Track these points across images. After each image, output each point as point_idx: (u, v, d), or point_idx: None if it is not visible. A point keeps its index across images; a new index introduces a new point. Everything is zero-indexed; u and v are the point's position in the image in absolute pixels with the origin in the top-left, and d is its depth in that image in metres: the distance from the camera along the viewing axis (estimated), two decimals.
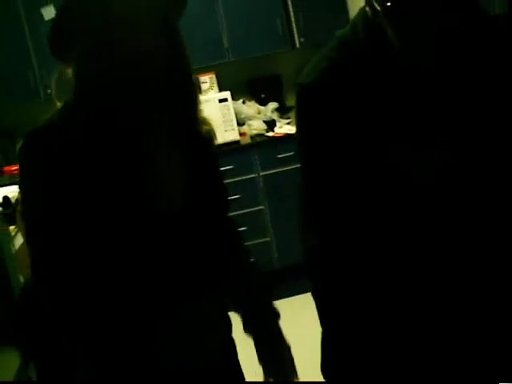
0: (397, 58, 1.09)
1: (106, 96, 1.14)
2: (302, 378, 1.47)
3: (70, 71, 1.18)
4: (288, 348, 1.42)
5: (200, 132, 1.32)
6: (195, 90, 1.30)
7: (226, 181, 1.46)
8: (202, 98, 4.38)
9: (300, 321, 2.86)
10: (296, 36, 4.31)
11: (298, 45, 4.31)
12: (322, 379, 1.39)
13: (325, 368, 1.38)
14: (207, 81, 4.31)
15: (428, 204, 1.13)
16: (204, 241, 1.30)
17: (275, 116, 4.36)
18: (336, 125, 1.14)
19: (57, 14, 1.15)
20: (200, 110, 1.30)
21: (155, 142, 1.22)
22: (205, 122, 1.34)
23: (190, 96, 1.27)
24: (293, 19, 4.30)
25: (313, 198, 1.26)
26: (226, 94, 4.19)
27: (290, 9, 4.29)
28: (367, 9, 1.12)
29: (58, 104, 1.21)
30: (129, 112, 1.16)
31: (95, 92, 1.14)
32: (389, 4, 1.02)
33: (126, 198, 1.17)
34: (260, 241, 4.19)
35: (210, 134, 1.37)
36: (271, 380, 1.39)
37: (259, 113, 4.45)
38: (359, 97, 1.12)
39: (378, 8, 1.06)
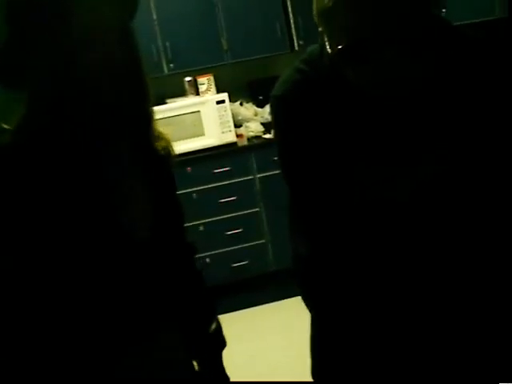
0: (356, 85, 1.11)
1: (58, 117, 1.07)
2: (294, 380, 1.47)
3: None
4: (227, 380, 1.40)
5: (156, 150, 1.25)
6: (149, 106, 1.20)
7: (222, 182, 1.46)
8: (199, 99, 4.36)
9: (295, 323, 2.86)
10: (295, 39, 4.32)
11: (296, 47, 4.32)
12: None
13: (315, 371, 1.40)
14: (205, 82, 4.31)
15: (399, 217, 1.18)
16: (160, 267, 1.24)
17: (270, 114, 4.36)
18: (309, 134, 1.19)
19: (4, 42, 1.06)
20: (155, 127, 1.22)
21: (110, 163, 1.15)
22: (161, 137, 1.26)
23: (145, 113, 1.20)
24: (292, 22, 4.31)
25: (295, 206, 1.32)
26: (224, 96, 4.19)
27: (290, 11, 4.30)
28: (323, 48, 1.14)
29: (6, 126, 1.09)
30: (83, 132, 1.09)
31: (48, 113, 1.07)
32: (340, 47, 1.04)
33: (81, 224, 1.10)
34: (256, 243, 4.19)
35: (167, 150, 1.28)
36: None
37: (256, 115, 4.46)
38: (328, 110, 1.17)
39: (329, 51, 1.08)
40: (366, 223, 1.20)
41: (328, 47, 1.09)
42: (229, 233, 4.14)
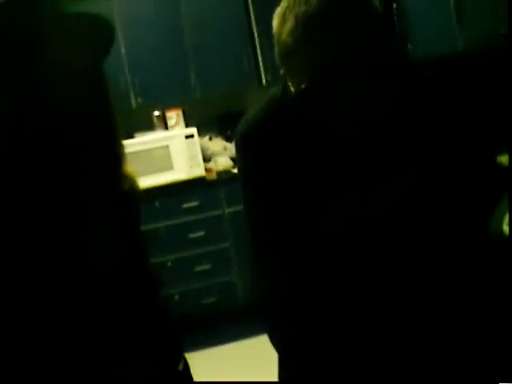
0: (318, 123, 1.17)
1: (25, 154, 1.05)
2: None
3: None
4: None
5: (123, 190, 1.24)
6: (119, 144, 1.20)
7: (191, 217, 1.46)
8: (168, 133, 4.36)
9: (263, 361, 2.81)
10: (263, 73, 4.35)
11: (264, 82, 4.35)
12: None
13: None
14: (174, 117, 4.31)
15: (365, 243, 1.23)
16: (123, 301, 1.22)
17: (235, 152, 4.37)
18: (274, 170, 1.25)
19: None
20: (124, 164, 1.21)
21: (75, 198, 1.14)
22: (128, 177, 1.25)
23: (114, 152, 1.19)
24: (260, 56, 4.35)
25: (259, 241, 1.35)
26: (193, 131, 4.19)
27: (257, 46, 4.34)
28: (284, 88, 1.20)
29: None
30: (48, 168, 1.08)
31: (7, 148, 1.05)
32: (303, 86, 1.08)
33: (43, 255, 1.09)
34: (225, 279, 4.14)
35: (134, 190, 1.28)
36: None
37: (226, 149, 4.46)
38: (291, 146, 1.23)
39: (292, 90, 1.13)
40: (329, 254, 1.23)
41: (291, 87, 1.12)
42: (198, 269, 4.09)
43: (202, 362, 1.41)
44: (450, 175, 1.23)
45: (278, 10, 1.10)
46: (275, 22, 1.11)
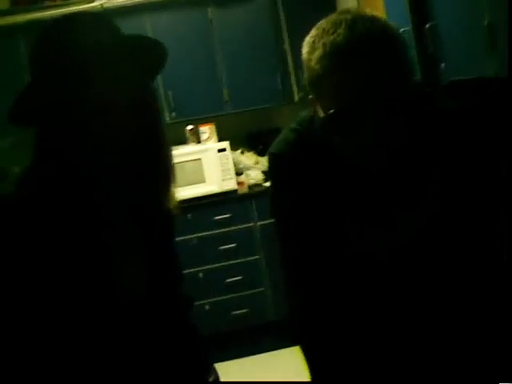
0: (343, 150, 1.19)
1: (67, 170, 1.08)
2: None
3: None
4: None
5: (169, 209, 1.25)
6: (170, 165, 1.21)
7: (222, 229, 1.49)
8: (200, 147, 4.41)
9: (294, 373, 2.83)
10: (295, 90, 4.40)
11: (296, 99, 4.40)
12: None
13: None
14: (207, 131, 4.38)
15: (384, 275, 1.26)
16: (155, 325, 1.23)
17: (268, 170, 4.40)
18: (301, 192, 1.28)
19: (25, 89, 1.08)
20: (173, 187, 1.22)
21: (121, 222, 1.16)
22: (173, 196, 1.25)
23: (166, 172, 1.19)
24: (292, 73, 4.40)
25: (287, 261, 1.37)
26: (225, 144, 4.26)
27: (289, 63, 4.40)
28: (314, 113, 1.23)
29: (16, 169, 1.14)
30: (93, 188, 1.10)
31: (55, 164, 1.08)
32: (332, 111, 1.11)
33: (83, 280, 1.09)
34: (255, 291, 4.18)
35: (175, 209, 1.28)
36: None
37: (257, 163, 4.50)
38: (319, 171, 1.26)
39: (321, 115, 1.15)
40: (354, 278, 1.26)
41: (320, 112, 1.16)
42: (228, 280, 4.13)
43: (232, 373, 1.44)
44: (469, 204, 1.25)
45: (308, 38, 1.15)
46: (305, 50, 1.15)
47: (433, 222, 1.24)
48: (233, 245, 4.12)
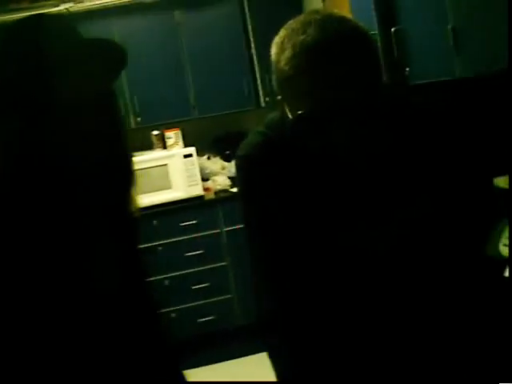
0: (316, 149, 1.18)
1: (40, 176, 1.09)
2: None
3: None
4: None
5: (131, 213, 1.26)
6: (131, 168, 1.22)
7: (189, 236, 1.47)
8: (166, 153, 4.38)
9: (261, 379, 2.81)
10: (261, 95, 4.40)
11: (263, 104, 4.40)
12: None
13: None
14: (172, 136, 4.35)
15: (363, 271, 1.24)
16: (124, 325, 1.22)
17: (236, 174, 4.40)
18: (270, 190, 1.27)
19: None
20: (134, 190, 1.23)
21: (86, 226, 1.17)
22: (134, 199, 1.27)
23: (128, 176, 1.22)
24: (258, 79, 4.40)
25: (260, 265, 1.36)
26: (191, 150, 4.23)
27: (256, 69, 4.40)
28: (282, 114, 1.22)
29: None
30: (58, 192, 1.11)
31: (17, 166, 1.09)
32: (301, 112, 1.10)
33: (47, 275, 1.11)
34: (222, 297, 4.15)
35: (137, 212, 1.29)
36: None
37: (224, 169, 4.49)
38: (289, 171, 1.25)
39: (290, 116, 1.14)
40: (331, 278, 1.25)
41: (289, 114, 1.14)
42: (195, 287, 4.10)
43: (200, 379, 1.42)
44: (450, 201, 1.25)
45: (277, 39, 1.13)
46: (274, 50, 1.13)
47: (414, 219, 1.23)
48: (199, 251, 4.09)
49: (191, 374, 1.44)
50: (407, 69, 2.39)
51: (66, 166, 1.09)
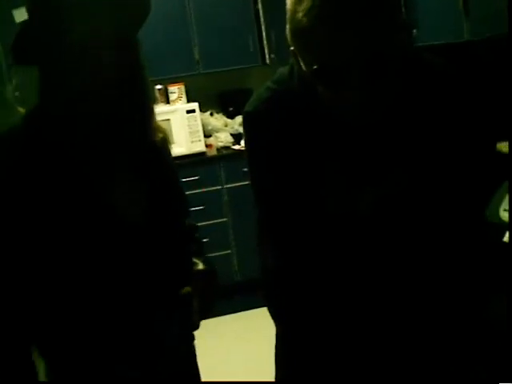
0: (324, 105, 1.17)
1: (65, 106, 1.17)
2: None
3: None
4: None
5: (154, 140, 1.34)
6: (150, 99, 1.33)
7: (190, 191, 1.49)
8: (169, 108, 4.36)
9: (259, 334, 2.87)
10: (267, 52, 4.36)
11: (268, 61, 4.35)
12: None
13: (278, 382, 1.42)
14: (176, 91, 4.32)
15: (361, 231, 1.25)
16: (163, 250, 1.31)
17: (242, 129, 4.38)
18: (277, 149, 1.26)
19: (22, 24, 1.18)
20: (154, 119, 1.34)
21: (113, 153, 1.25)
22: (159, 129, 1.37)
23: (146, 106, 1.30)
24: (264, 35, 4.35)
25: (263, 220, 1.37)
26: (194, 105, 4.20)
27: (263, 25, 4.34)
28: (295, 66, 1.21)
29: (21, 110, 1.24)
30: (87, 122, 1.19)
31: (55, 100, 1.18)
32: (315, 67, 1.08)
33: (83, 211, 1.19)
34: (222, 253, 4.20)
35: (165, 141, 1.40)
36: None
37: (226, 125, 4.47)
38: (297, 127, 1.24)
39: (304, 68, 1.12)
40: (330, 236, 1.25)
41: (303, 66, 1.12)
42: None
43: (203, 334, 1.46)
44: (453, 163, 1.24)
45: None
46: (290, 1, 1.09)
47: (415, 184, 1.23)
48: (200, 207, 4.10)
49: None
50: (414, 30, 2.36)
51: (97, 100, 1.18)
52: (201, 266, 1.48)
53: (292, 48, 1.14)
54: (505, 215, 2.01)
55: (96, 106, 1.18)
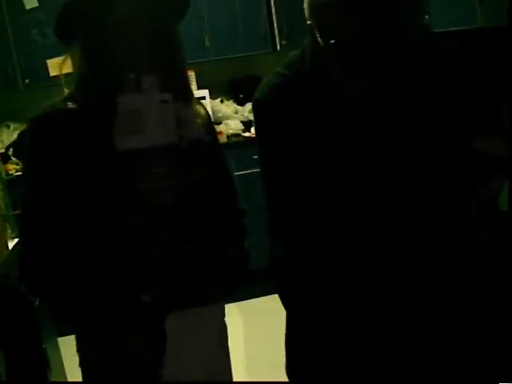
0: (337, 87, 1.16)
1: (104, 86, 1.22)
2: (268, 379, 1.48)
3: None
4: None
5: (195, 125, 1.36)
6: (188, 87, 1.42)
7: None
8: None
9: (270, 321, 2.87)
10: (277, 38, 4.32)
11: (279, 47, 4.32)
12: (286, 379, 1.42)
13: (289, 368, 1.43)
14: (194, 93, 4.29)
15: (369, 219, 1.25)
16: (198, 236, 1.33)
17: (252, 117, 4.36)
18: (287, 135, 1.25)
19: (64, 5, 1.21)
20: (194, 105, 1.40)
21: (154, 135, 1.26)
22: (198, 115, 1.40)
23: (185, 92, 1.37)
24: (275, 22, 4.31)
25: (273, 208, 1.39)
26: (204, 92, 4.19)
27: (273, 12, 4.30)
28: (311, 42, 1.19)
29: (66, 91, 1.27)
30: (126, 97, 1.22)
31: (95, 81, 1.22)
32: (333, 41, 1.07)
33: (123, 187, 1.22)
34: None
35: (206, 124, 1.42)
36: None
37: (237, 112, 4.46)
38: (306, 114, 1.23)
39: (321, 43, 1.11)
40: (339, 224, 1.25)
41: (320, 41, 1.11)
42: None
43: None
44: (457, 152, 1.24)
45: None
46: None
47: (425, 175, 1.22)
48: None
49: None
50: (426, 16, 2.33)
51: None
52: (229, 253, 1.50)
53: (309, 22, 1.13)
54: (503, 205, 2.00)
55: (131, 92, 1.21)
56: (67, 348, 1.44)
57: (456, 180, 1.25)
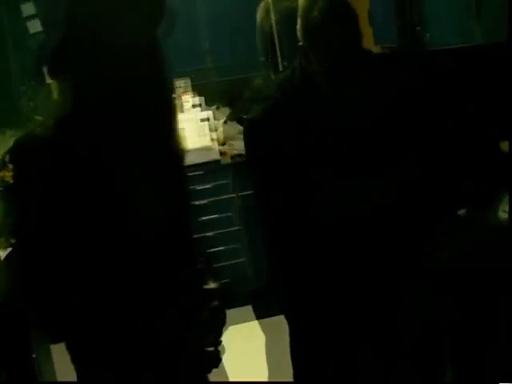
0: (323, 100, 1.27)
1: (94, 116, 1.21)
2: None
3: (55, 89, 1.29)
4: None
5: (176, 149, 1.37)
6: (175, 107, 1.39)
7: (204, 200, 1.52)
8: (183, 117, 4.37)
9: (274, 341, 2.87)
10: (279, 61, 4.36)
11: (281, 68, 4.35)
12: None
13: (296, 377, 1.48)
14: (189, 100, 4.32)
15: (352, 226, 1.34)
16: (170, 260, 1.38)
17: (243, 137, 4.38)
18: (272, 149, 1.35)
19: (59, 43, 1.23)
20: (178, 128, 1.36)
21: (135, 159, 1.26)
22: (180, 139, 1.39)
23: (172, 113, 1.35)
24: (277, 45, 4.35)
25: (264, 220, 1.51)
26: (208, 114, 4.21)
27: (275, 36, 4.34)
28: (302, 61, 1.30)
29: (39, 118, 1.28)
30: (114, 128, 1.23)
31: (88, 105, 1.22)
32: (326, 65, 1.21)
33: (100, 219, 1.22)
34: (235, 261, 4.19)
35: (182, 151, 1.41)
36: None
37: (240, 133, 4.47)
38: (291, 128, 1.33)
39: (315, 63, 1.23)
40: (322, 230, 1.35)
41: (313, 62, 1.22)
42: (209, 251, 4.13)
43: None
44: (453, 162, 1.33)
45: None
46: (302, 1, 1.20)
47: (409, 187, 1.30)
48: (214, 215, 4.11)
49: None
50: (418, 27, 2.35)
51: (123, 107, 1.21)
52: (212, 285, 1.54)
53: (301, 43, 1.23)
54: (502, 216, 2.00)
55: (126, 107, 1.23)
56: (61, 354, 1.44)
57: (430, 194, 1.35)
